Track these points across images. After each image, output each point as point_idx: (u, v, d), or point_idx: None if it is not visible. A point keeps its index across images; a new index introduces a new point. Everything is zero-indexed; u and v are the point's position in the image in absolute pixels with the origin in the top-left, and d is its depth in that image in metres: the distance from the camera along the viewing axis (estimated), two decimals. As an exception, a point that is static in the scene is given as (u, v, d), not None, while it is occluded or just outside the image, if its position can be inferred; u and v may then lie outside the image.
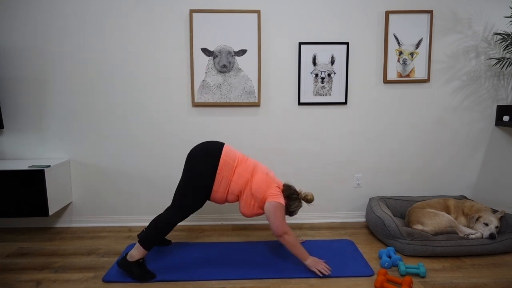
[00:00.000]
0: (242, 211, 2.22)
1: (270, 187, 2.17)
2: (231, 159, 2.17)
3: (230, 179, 2.15)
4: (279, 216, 2.12)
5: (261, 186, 2.15)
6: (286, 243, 2.14)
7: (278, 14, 2.81)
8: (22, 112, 2.82)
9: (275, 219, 2.11)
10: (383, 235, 2.54)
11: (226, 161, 2.14)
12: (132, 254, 2.09)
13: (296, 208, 2.27)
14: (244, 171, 2.17)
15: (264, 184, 2.16)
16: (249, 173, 2.18)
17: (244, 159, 2.24)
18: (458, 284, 2.04)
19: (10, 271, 2.21)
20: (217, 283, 2.06)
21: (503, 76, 2.96)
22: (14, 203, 2.53)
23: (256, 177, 2.17)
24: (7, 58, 2.75)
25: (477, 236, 2.42)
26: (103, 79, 2.81)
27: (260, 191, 2.14)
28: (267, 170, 2.26)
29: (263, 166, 2.28)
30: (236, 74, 2.82)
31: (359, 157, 3.01)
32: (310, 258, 2.16)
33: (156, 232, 2.09)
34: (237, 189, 2.17)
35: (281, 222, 2.12)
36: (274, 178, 2.25)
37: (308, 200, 2.31)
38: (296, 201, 2.26)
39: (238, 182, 2.16)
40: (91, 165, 2.91)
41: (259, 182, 2.15)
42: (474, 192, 3.10)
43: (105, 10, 2.74)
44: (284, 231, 2.12)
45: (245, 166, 2.19)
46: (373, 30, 2.86)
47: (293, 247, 2.14)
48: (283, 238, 2.13)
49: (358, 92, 2.92)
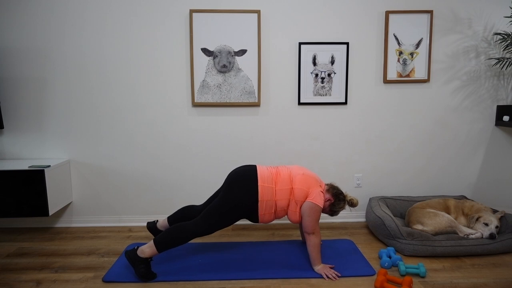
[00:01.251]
0: (290, 219, 2.22)
1: (311, 185, 2.17)
2: (268, 182, 2.15)
3: (274, 199, 2.15)
4: (313, 216, 2.13)
5: (301, 189, 2.15)
6: (311, 242, 2.15)
7: (278, 14, 2.81)
8: (22, 112, 2.82)
9: (309, 218, 2.13)
10: (383, 235, 2.54)
11: (265, 187, 2.13)
12: (144, 251, 2.05)
13: (340, 209, 2.25)
14: (283, 185, 2.16)
15: (304, 185, 2.16)
16: (288, 184, 2.17)
17: (279, 174, 2.21)
18: (458, 284, 2.04)
19: (10, 271, 2.21)
20: (217, 283, 2.06)
21: (503, 76, 2.96)
22: (14, 203, 2.53)
23: (296, 182, 2.17)
24: (7, 58, 2.75)
25: (477, 236, 2.42)
26: (103, 79, 2.81)
27: (301, 194, 2.15)
28: (302, 170, 2.25)
29: (295, 167, 2.27)
30: (236, 74, 2.82)
31: (359, 157, 3.01)
32: (322, 265, 2.18)
33: (176, 239, 2.06)
34: (285, 203, 2.17)
35: (315, 223, 2.14)
36: (313, 175, 2.24)
37: (353, 204, 2.28)
38: (342, 202, 2.25)
39: (282, 198, 2.15)
40: (91, 165, 2.91)
41: (299, 186, 2.15)
42: (474, 192, 3.10)
43: (105, 10, 2.74)
44: (313, 231, 2.14)
45: (282, 180, 2.18)
46: (373, 30, 2.86)
47: (314, 248, 2.16)
48: (311, 237, 2.15)
49: (358, 92, 2.92)
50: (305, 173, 2.22)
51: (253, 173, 2.17)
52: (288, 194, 2.16)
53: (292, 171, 2.23)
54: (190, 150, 2.92)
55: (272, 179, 2.17)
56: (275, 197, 2.15)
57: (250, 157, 2.95)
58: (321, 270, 2.14)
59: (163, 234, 2.07)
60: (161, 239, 2.05)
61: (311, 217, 2.13)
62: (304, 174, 2.21)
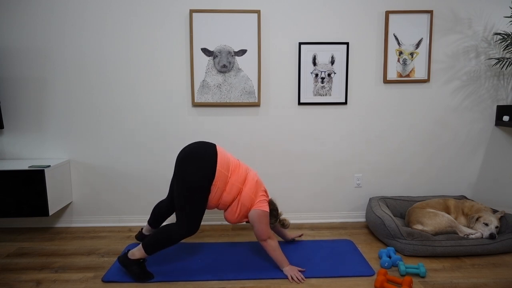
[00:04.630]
0: (226, 217, 2.19)
1: (257, 195, 2.16)
2: (226, 169, 2.08)
3: (223, 189, 2.09)
4: (264, 222, 2.12)
5: (250, 195, 2.12)
6: (269, 247, 2.14)
7: (278, 14, 2.81)
8: (22, 112, 2.82)
9: (260, 225, 2.11)
10: (383, 235, 2.54)
11: (221, 172, 2.06)
12: (133, 253, 2.07)
13: (270, 225, 2.26)
14: (237, 181, 2.11)
15: (253, 193, 2.13)
16: (241, 183, 2.12)
17: (237, 166, 2.16)
18: (458, 284, 2.04)
19: (10, 271, 2.21)
20: (217, 283, 2.06)
21: (503, 76, 2.96)
22: (14, 203, 2.53)
23: (247, 186, 2.13)
24: (7, 58, 2.75)
25: (477, 236, 2.42)
26: (103, 79, 2.81)
27: (248, 200, 2.12)
28: (257, 177, 2.22)
29: (253, 172, 2.23)
30: (236, 74, 2.82)
31: (359, 157, 3.01)
32: (289, 266, 2.16)
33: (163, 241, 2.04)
34: (230, 200, 2.12)
35: (266, 228, 2.13)
36: (261, 184, 2.22)
37: (284, 226, 2.38)
38: (273, 218, 2.27)
39: (230, 193, 2.10)
40: (91, 165, 2.91)
41: (248, 192, 2.12)
42: (474, 192, 3.10)
43: (105, 10, 2.74)
44: (268, 236, 2.14)
45: (238, 175, 2.12)
46: (373, 30, 2.86)
47: (274, 251, 2.15)
48: (267, 243, 2.14)
49: (358, 92, 2.92)
50: (258, 181, 2.19)
51: (213, 153, 2.06)
52: (237, 192, 2.11)
53: (249, 174, 2.19)
54: (190, 150, 2.92)
55: (229, 167, 2.10)
56: (225, 186, 2.09)
57: (250, 157, 2.95)
58: (289, 272, 2.12)
59: (150, 237, 2.05)
60: (148, 242, 2.04)
61: (262, 223, 2.11)
62: (257, 182, 2.18)
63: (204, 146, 2.11)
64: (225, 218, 2.21)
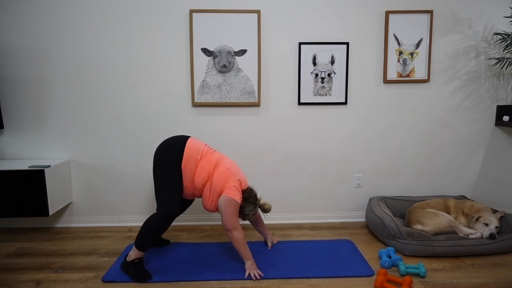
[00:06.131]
0: (203, 205, 2.22)
1: (229, 181, 2.14)
2: (195, 152, 2.15)
3: (193, 172, 2.14)
4: (230, 211, 2.10)
5: (220, 180, 2.13)
6: (233, 238, 2.13)
7: (278, 14, 2.81)
8: (22, 112, 2.82)
9: (225, 213, 2.10)
10: (383, 235, 2.54)
11: (190, 154, 2.13)
12: (130, 255, 2.12)
13: (250, 213, 2.23)
14: (207, 165, 2.16)
15: (222, 178, 2.14)
16: (211, 167, 2.16)
17: (209, 152, 2.22)
18: (458, 284, 2.04)
19: (10, 271, 2.21)
20: (217, 283, 2.06)
21: (503, 76, 2.96)
22: (14, 203, 2.53)
23: (218, 171, 2.15)
24: (7, 58, 2.75)
25: (477, 236, 2.42)
26: (103, 79, 2.81)
27: (218, 185, 2.13)
28: (231, 165, 2.21)
29: (228, 160, 2.25)
30: (236, 74, 2.82)
31: (359, 157, 3.01)
32: (251, 260, 2.16)
33: (149, 232, 2.07)
34: (200, 183, 2.16)
35: (232, 217, 2.10)
36: (236, 174, 2.20)
37: (265, 210, 2.30)
38: (251, 205, 2.22)
39: (200, 176, 2.14)
40: (91, 165, 2.91)
41: (219, 176, 2.14)
42: (474, 192, 3.10)
43: (105, 10, 2.74)
44: (233, 227, 2.11)
45: (209, 160, 2.17)
46: (373, 30, 2.86)
47: (239, 244, 2.13)
48: (231, 233, 2.12)
49: (358, 92, 2.92)
50: (230, 168, 2.19)
51: (183, 139, 2.19)
52: (207, 176, 2.15)
53: (222, 160, 2.21)
54: (190, 150, 2.92)
55: (199, 151, 2.16)
56: (195, 170, 2.14)
57: (250, 157, 2.95)
58: (249, 267, 2.14)
59: (138, 234, 2.10)
60: (137, 239, 2.09)
61: (228, 210, 2.09)
62: (228, 169, 2.18)
63: (176, 137, 2.24)
64: (204, 208, 2.25)
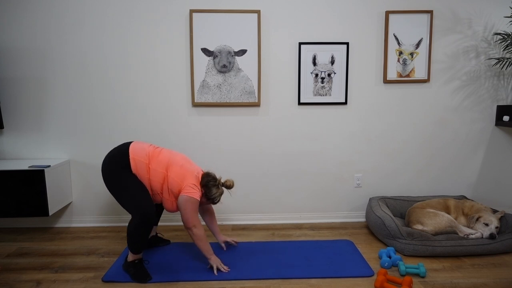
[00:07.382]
0: (164, 206, 2.22)
1: (185, 179, 2.13)
2: (141, 156, 2.12)
3: (148, 178, 2.13)
4: (189, 209, 2.09)
5: (175, 181, 2.12)
6: (194, 236, 2.13)
7: (278, 14, 2.81)
8: (22, 112, 2.82)
9: (185, 211, 2.10)
10: (383, 235, 2.54)
11: (136, 160, 2.11)
12: (128, 256, 2.15)
13: (216, 195, 2.20)
14: (158, 167, 2.13)
15: (178, 178, 2.12)
16: (163, 168, 2.14)
17: (156, 152, 2.18)
18: (458, 284, 2.04)
19: (10, 271, 2.21)
20: (217, 283, 2.06)
21: (503, 76, 2.96)
22: (14, 203, 2.53)
23: (171, 171, 2.13)
24: (7, 58, 2.75)
25: (477, 236, 2.42)
26: (103, 79, 2.81)
27: (175, 185, 2.12)
28: (183, 161, 2.19)
29: (178, 157, 2.21)
30: (236, 74, 2.82)
31: (359, 157, 3.01)
32: (214, 256, 2.18)
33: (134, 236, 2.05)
34: (158, 187, 2.15)
35: (191, 215, 2.10)
36: (191, 169, 2.18)
37: (228, 186, 2.25)
38: (213, 188, 2.19)
39: (155, 180, 2.13)
40: (91, 165, 2.91)
41: (174, 177, 2.12)
42: (474, 192, 3.10)
43: (105, 10, 2.74)
44: (193, 224, 2.11)
45: (158, 161, 2.14)
46: (373, 30, 2.85)
47: (200, 241, 2.14)
48: (192, 231, 2.12)
49: (358, 92, 2.92)
50: (183, 165, 2.17)
51: (125, 148, 2.15)
52: (162, 179, 2.13)
53: (172, 159, 2.18)
54: (190, 150, 2.92)
55: (146, 155, 2.14)
56: (149, 175, 2.12)
57: (250, 157, 2.95)
58: (214, 262, 2.16)
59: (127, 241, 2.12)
60: (128, 245, 2.09)
61: (187, 209, 2.09)
62: (182, 166, 2.16)
63: (117, 146, 2.22)
64: (166, 210, 2.25)
